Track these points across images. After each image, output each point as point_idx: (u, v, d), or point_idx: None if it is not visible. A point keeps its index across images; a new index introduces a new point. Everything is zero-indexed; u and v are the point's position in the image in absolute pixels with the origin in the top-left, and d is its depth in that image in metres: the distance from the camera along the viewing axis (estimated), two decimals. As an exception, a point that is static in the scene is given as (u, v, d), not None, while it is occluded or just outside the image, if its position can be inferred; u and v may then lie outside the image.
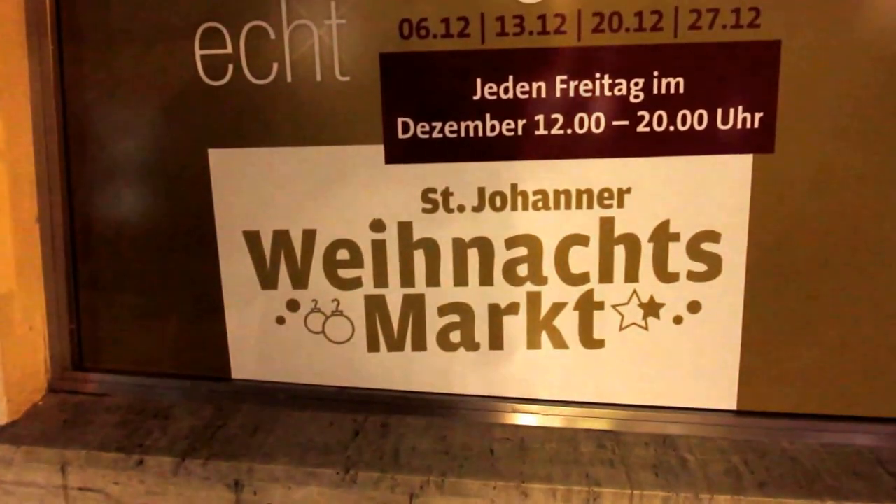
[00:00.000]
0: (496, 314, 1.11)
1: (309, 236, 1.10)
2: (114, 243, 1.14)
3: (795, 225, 1.06)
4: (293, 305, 1.12)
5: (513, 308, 1.11)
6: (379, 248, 1.10)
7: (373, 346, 1.13)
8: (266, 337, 1.14)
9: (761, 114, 1.03)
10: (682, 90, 1.02)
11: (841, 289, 1.06)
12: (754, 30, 1.00)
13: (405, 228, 1.09)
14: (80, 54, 1.07)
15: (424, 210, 1.08)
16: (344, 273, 1.11)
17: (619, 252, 1.08)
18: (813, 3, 0.99)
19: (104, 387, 1.17)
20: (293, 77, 1.04)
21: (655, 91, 1.03)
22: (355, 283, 1.11)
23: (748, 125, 1.03)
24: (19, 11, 1.06)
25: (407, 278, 1.11)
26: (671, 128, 1.04)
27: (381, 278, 1.11)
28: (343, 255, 1.10)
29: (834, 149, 1.03)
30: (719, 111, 1.03)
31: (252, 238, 1.10)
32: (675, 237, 1.07)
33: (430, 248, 1.09)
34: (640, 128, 1.04)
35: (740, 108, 1.03)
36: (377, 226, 1.09)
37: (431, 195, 1.07)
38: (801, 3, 0.99)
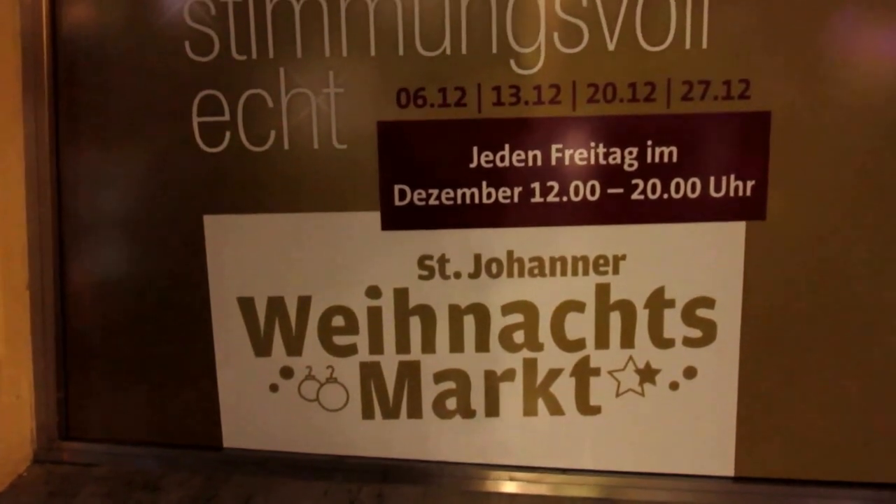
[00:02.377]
0: (492, 381, 1.11)
1: (304, 303, 1.09)
2: (105, 310, 1.12)
3: (788, 290, 1.07)
4: (287, 373, 1.11)
5: (509, 375, 1.10)
6: (374, 314, 1.09)
7: (367, 414, 1.12)
8: (259, 405, 1.12)
9: (753, 182, 1.04)
10: (675, 159, 1.04)
11: (835, 353, 1.07)
12: (745, 101, 1.02)
13: (401, 295, 1.08)
14: (76, 120, 1.07)
15: (421, 277, 1.08)
16: (339, 340, 1.10)
17: (615, 318, 1.08)
18: (801, 75, 1.01)
19: (91, 457, 1.15)
20: (290, 144, 1.04)
21: (649, 160, 1.04)
22: (350, 350, 1.10)
23: (740, 193, 1.05)
24: (16, 78, 1.06)
25: (402, 345, 1.10)
26: (665, 195, 1.05)
27: (376, 345, 1.10)
28: (338, 321, 1.09)
29: (824, 215, 1.05)
30: (712, 179, 1.05)
31: (246, 305, 1.09)
32: (670, 303, 1.08)
33: (426, 314, 1.09)
34: (635, 196, 1.05)
35: (732, 177, 1.04)
36: (373, 292, 1.08)
37: (428, 262, 1.07)
38: (789, 75, 1.01)
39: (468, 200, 1.05)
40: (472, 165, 1.04)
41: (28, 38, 1.05)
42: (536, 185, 1.05)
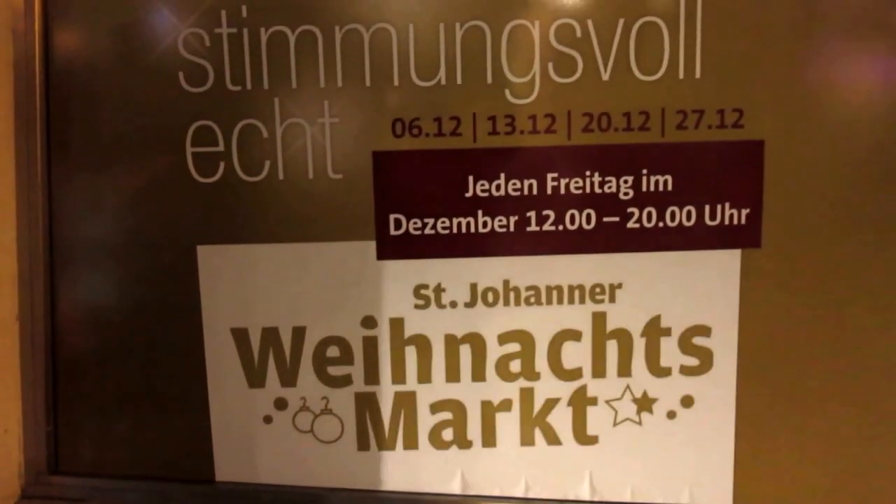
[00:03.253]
0: (489, 411, 1.10)
1: (298, 333, 1.08)
2: (96, 341, 1.11)
3: (785, 318, 1.07)
4: (281, 404, 1.10)
5: (506, 405, 1.09)
6: (370, 344, 1.08)
7: (363, 446, 1.10)
8: (252, 437, 1.10)
9: (747, 210, 1.05)
10: (670, 187, 1.04)
11: (833, 382, 1.07)
12: (738, 130, 1.03)
13: (397, 325, 1.08)
14: (69, 149, 1.06)
15: (416, 306, 1.07)
16: (334, 370, 1.09)
17: (612, 347, 1.08)
18: (794, 104, 1.02)
19: (81, 492, 1.12)
20: (285, 174, 1.04)
21: (644, 188, 1.04)
22: (345, 381, 1.09)
23: (735, 221, 1.05)
24: (8, 107, 1.06)
25: (398, 375, 1.09)
26: (660, 224, 1.05)
27: (371, 375, 1.09)
28: (333, 352, 1.08)
29: (819, 242, 1.05)
30: (707, 208, 1.05)
31: (240, 336, 1.08)
32: (667, 332, 1.08)
33: (422, 344, 1.08)
34: (631, 224, 1.05)
35: (727, 205, 1.05)
36: (368, 322, 1.08)
37: (423, 291, 1.07)
38: (782, 104, 1.02)
39: (464, 229, 1.05)
40: (468, 194, 1.04)
41: (21, 68, 1.05)
42: (532, 214, 1.05)
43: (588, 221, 1.05)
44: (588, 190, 1.04)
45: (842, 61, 1.02)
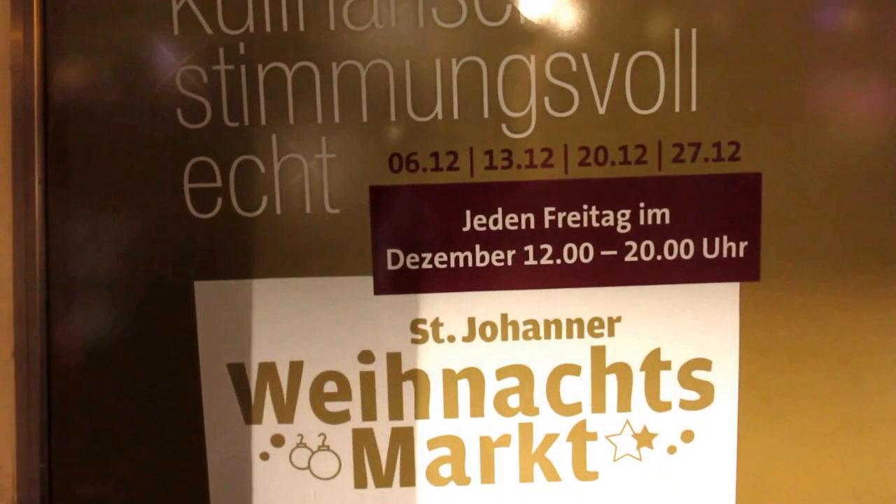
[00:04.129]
0: (487, 446, 1.09)
1: (296, 368, 1.07)
2: (92, 379, 1.10)
3: (785, 351, 1.06)
4: (278, 440, 1.09)
5: (504, 440, 1.08)
6: (367, 380, 1.07)
7: (360, 482, 1.09)
8: (249, 474, 1.09)
9: (746, 243, 1.04)
10: (668, 221, 1.04)
11: (834, 415, 1.06)
12: (735, 163, 1.03)
13: (394, 360, 1.07)
14: (67, 186, 1.06)
15: (414, 341, 1.07)
16: (331, 406, 1.08)
17: (611, 381, 1.07)
18: (791, 136, 1.02)
19: (75, 530, 1.11)
20: (282, 209, 1.04)
21: (642, 222, 1.04)
22: (343, 417, 1.08)
23: (733, 254, 1.05)
24: (6, 145, 1.06)
25: (396, 411, 1.08)
26: (658, 257, 1.05)
27: (369, 411, 1.08)
28: (330, 387, 1.07)
29: (818, 275, 1.05)
30: (705, 241, 1.05)
31: (237, 371, 1.07)
32: (667, 365, 1.07)
33: (420, 379, 1.07)
34: (629, 257, 1.05)
35: (725, 238, 1.05)
36: (366, 357, 1.07)
37: (421, 326, 1.06)
38: (779, 137, 1.02)
39: (461, 264, 1.05)
40: (465, 229, 1.04)
41: (18, 107, 1.05)
42: (530, 248, 1.04)
43: (586, 255, 1.05)
44: (586, 223, 1.04)
45: (837, 92, 1.03)
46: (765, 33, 1.01)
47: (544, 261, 1.05)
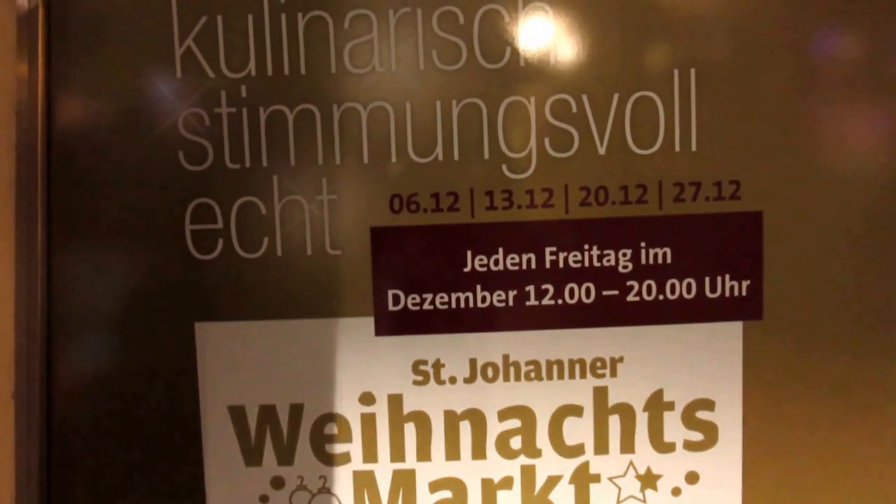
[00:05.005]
0: (489, 489, 1.07)
1: (296, 410, 1.07)
2: (92, 420, 1.09)
3: (788, 391, 1.05)
4: (278, 483, 1.08)
5: (507, 482, 1.07)
6: (368, 421, 1.07)
7: (361, 525, 1.08)
8: (249, 517, 1.08)
9: (748, 282, 1.04)
10: (669, 260, 1.04)
11: (838, 455, 1.05)
12: (736, 202, 1.03)
13: (395, 401, 1.06)
14: (68, 227, 1.06)
15: (415, 382, 1.06)
16: (331, 448, 1.07)
17: (614, 422, 1.06)
18: (792, 174, 1.03)
19: (73, 574, 1.10)
20: (283, 251, 1.04)
21: (643, 261, 1.04)
22: (343, 459, 1.07)
23: (736, 293, 1.04)
24: (9, 188, 1.06)
25: (397, 453, 1.07)
26: (660, 297, 1.04)
27: (370, 453, 1.07)
28: (331, 429, 1.07)
29: (822, 313, 1.04)
30: (707, 280, 1.04)
31: (237, 413, 1.07)
32: (670, 406, 1.06)
33: (421, 421, 1.07)
34: (630, 297, 1.04)
35: (727, 277, 1.04)
36: (367, 399, 1.06)
37: (422, 367, 1.06)
38: (780, 175, 1.03)
39: (462, 304, 1.04)
40: (466, 269, 1.04)
41: (23, 150, 1.06)
42: (531, 289, 1.04)
43: (587, 295, 1.04)
44: (587, 263, 1.04)
45: (838, 128, 1.03)
46: (764, 72, 1.02)
47: (546, 301, 1.04)
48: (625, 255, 1.04)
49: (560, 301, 1.04)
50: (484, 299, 1.04)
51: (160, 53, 1.02)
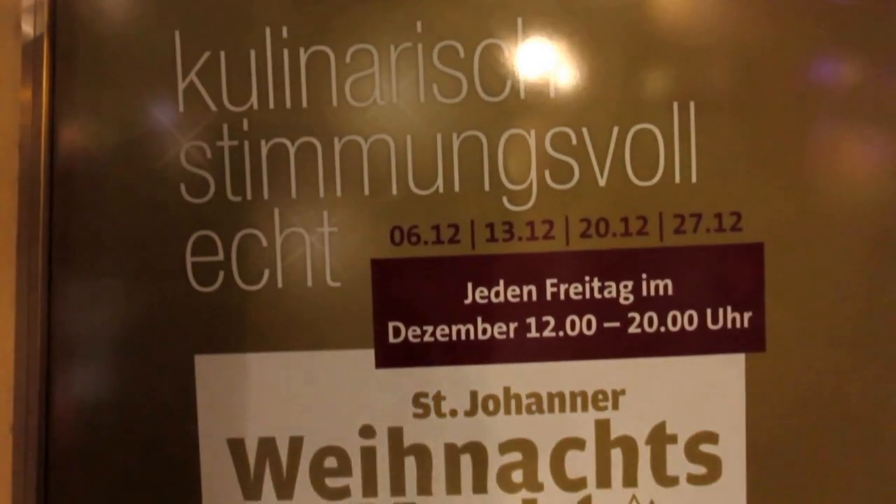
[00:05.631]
0: (491, 523, 1.07)
1: (296, 443, 1.06)
2: (91, 453, 1.09)
3: (792, 423, 1.04)
4: (277, 517, 1.07)
5: (508, 517, 1.07)
6: (368, 455, 1.06)
7: (361, 561, 1.07)
8: (247, 553, 1.07)
9: (750, 313, 1.04)
10: (670, 292, 1.04)
11: (843, 486, 1.04)
12: (737, 233, 1.03)
13: (396, 434, 1.05)
14: (68, 257, 1.07)
15: (416, 415, 1.05)
16: (331, 482, 1.06)
17: (617, 455, 1.05)
18: (792, 205, 1.03)
19: None
20: (284, 283, 1.04)
21: (645, 293, 1.04)
22: (343, 493, 1.06)
23: (738, 325, 1.04)
24: (12, 220, 1.07)
25: (397, 487, 1.06)
26: (662, 329, 1.04)
27: (370, 487, 1.06)
28: (331, 462, 1.06)
29: (825, 345, 1.04)
30: (708, 312, 1.04)
31: (236, 446, 1.06)
32: (673, 439, 1.05)
33: (422, 454, 1.06)
34: (632, 329, 1.04)
35: (729, 309, 1.04)
36: (367, 432, 1.06)
37: (423, 399, 1.05)
38: (780, 206, 1.03)
39: (463, 337, 1.04)
40: (467, 301, 1.04)
41: (25, 180, 1.06)
42: (532, 321, 1.04)
43: (589, 327, 1.04)
44: (588, 295, 1.04)
45: (840, 160, 1.03)
46: (764, 103, 1.02)
47: (547, 333, 1.04)
48: (626, 286, 1.04)
49: (561, 333, 1.04)
50: (485, 331, 1.04)
51: (163, 86, 1.03)
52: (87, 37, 1.05)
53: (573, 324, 1.04)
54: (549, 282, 1.04)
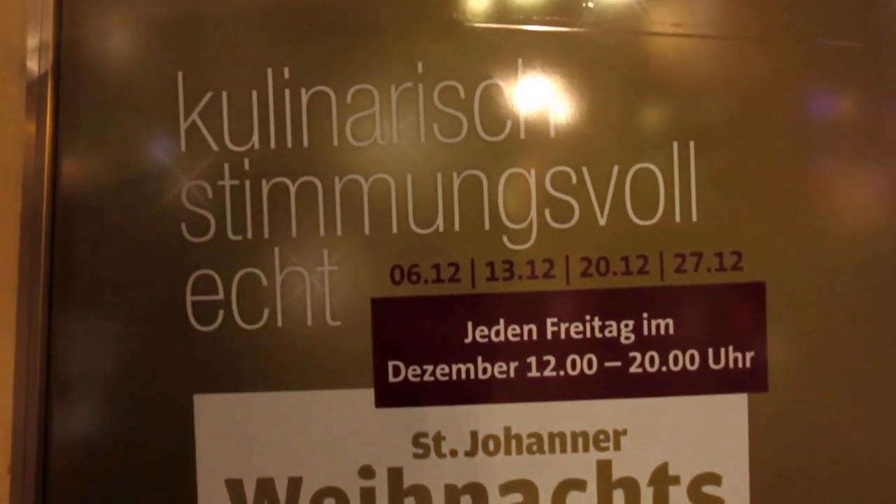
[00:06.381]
0: (492, 566, 1.05)
1: (294, 484, 1.05)
2: (88, 491, 1.08)
3: (796, 463, 1.03)
4: (275, 559, 1.06)
5: (509, 559, 1.05)
6: (368, 495, 1.05)
7: None
8: None
9: (752, 353, 1.03)
10: (672, 331, 1.03)
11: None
12: (738, 272, 1.03)
13: (395, 475, 1.05)
14: (68, 299, 1.07)
15: (416, 455, 1.04)
16: (330, 523, 1.05)
17: (619, 497, 1.04)
18: (793, 244, 1.03)
19: None
20: (284, 322, 1.04)
21: (646, 332, 1.03)
22: (342, 535, 1.05)
23: (740, 365, 1.03)
24: (13, 261, 1.07)
25: (397, 528, 1.05)
26: (664, 368, 1.03)
27: (369, 529, 1.05)
28: (330, 503, 1.05)
29: (829, 384, 1.03)
30: (710, 351, 1.03)
31: (234, 487, 1.05)
32: (675, 480, 1.04)
33: (422, 495, 1.05)
34: (633, 369, 1.03)
35: (731, 348, 1.03)
36: (366, 472, 1.05)
37: (423, 440, 1.04)
38: (781, 245, 1.03)
39: (463, 376, 1.03)
40: (467, 341, 1.03)
41: (27, 218, 1.07)
42: (532, 360, 1.03)
43: (590, 366, 1.03)
44: (588, 334, 1.03)
45: (840, 198, 1.03)
46: (763, 143, 1.03)
47: (547, 373, 1.03)
48: (627, 326, 1.03)
49: (562, 372, 1.03)
50: (485, 371, 1.03)
51: (166, 126, 1.04)
52: (90, 77, 1.06)
53: (574, 363, 1.03)
54: (549, 321, 1.03)
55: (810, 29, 1.03)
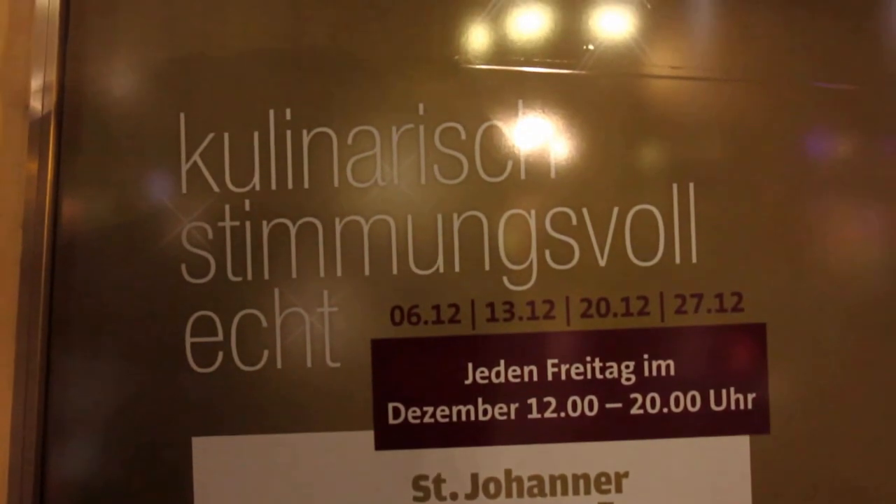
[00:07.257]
0: None
1: (293, 528, 1.04)
2: (84, 536, 1.07)
3: (799, 506, 1.03)
4: None
5: None
6: (367, 539, 1.04)
7: None
8: None
9: (754, 395, 1.03)
10: (672, 373, 1.03)
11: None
12: (739, 313, 1.03)
13: (395, 518, 1.04)
14: (67, 340, 1.06)
15: (416, 498, 1.03)
16: (329, 567, 1.04)
17: (621, 540, 1.04)
18: (794, 285, 1.03)
19: None
20: (283, 363, 1.03)
21: (646, 374, 1.03)
22: (341, 579, 1.04)
23: (742, 406, 1.03)
24: (13, 303, 1.07)
25: (396, 573, 1.04)
26: (665, 410, 1.03)
27: (369, 573, 1.04)
28: (329, 547, 1.04)
29: (831, 426, 1.02)
30: (711, 393, 1.03)
31: (233, 530, 1.04)
32: (678, 523, 1.03)
33: (422, 539, 1.04)
34: (634, 410, 1.03)
35: (732, 390, 1.03)
36: (366, 515, 1.04)
37: (423, 482, 1.04)
38: (782, 286, 1.03)
39: (464, 418, 1.03)
40: (468, 382, 1.03)
41: (28, 261, 1.07)
42: (533, 402, 1.03)
43: (590, 408, 1.03)
44: (589, 376, 1.03)
45: (840, 239, 1.04)
46: (762, 185, 1.03)
47: (548, 414, 1.03)
48: (627, 367, 1.03)
49: (563, 414, 1.03)
50: (485, 412, 1.03)
51: (167, 167, 1.04)
52: (93, 118, 1.06)
53: (575, 405, 1.03)
54: (549, 362, 1.03)
55: (807, 72, 1.05)
